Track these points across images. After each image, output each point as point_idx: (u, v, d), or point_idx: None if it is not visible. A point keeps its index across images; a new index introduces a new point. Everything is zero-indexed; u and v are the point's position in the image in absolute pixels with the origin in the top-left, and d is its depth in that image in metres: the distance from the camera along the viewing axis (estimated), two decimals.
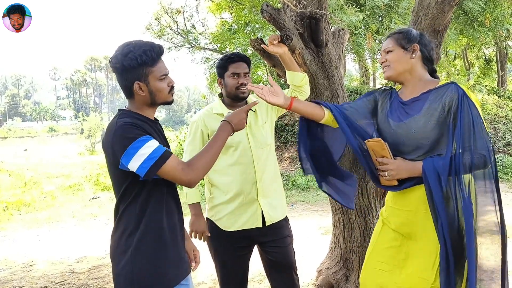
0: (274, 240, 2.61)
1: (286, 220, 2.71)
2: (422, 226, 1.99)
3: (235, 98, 2.60)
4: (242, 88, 2.55)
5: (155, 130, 1.83)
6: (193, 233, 2.57)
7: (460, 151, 1.87)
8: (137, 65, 1.73)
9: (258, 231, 2.56)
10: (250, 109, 2.57)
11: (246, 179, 2.52)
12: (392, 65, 2.06)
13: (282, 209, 2.66)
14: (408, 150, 2.03)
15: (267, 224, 2.55)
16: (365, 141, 2.08)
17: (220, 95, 2.71)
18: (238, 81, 2.56)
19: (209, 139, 2.50)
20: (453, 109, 1.91)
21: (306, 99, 3.04)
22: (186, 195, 2.59)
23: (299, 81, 2.62)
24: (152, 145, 1.66)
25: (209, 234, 2.59)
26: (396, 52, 2.05)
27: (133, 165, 1.65)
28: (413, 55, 2.03)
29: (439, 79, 2.09)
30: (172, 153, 1.71)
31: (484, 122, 1.90)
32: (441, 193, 1.88)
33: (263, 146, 2.58)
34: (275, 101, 2.20)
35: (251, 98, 2.68)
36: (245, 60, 2.61)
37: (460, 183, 1.87)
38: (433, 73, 2.11)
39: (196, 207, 2.60)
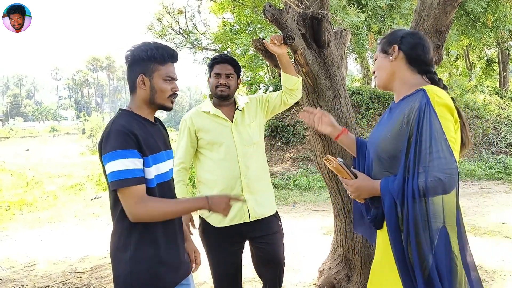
0: (263, 236, 2.68)
1: (276, 216, 2.78)
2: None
3: (216, 97, 2.70)
4: (220, 88, 2.66)
5: (151, 132, 1.82)
6: None
7: (421, 171, 1.58)
8: (146, 57, 1.78)
9: (247, 226, 2.63)
10: (237, 108, 2.68)
11: (231, 175, 2.59)
12: (377, 73, 1.89)
13: (269, 206, 2.72)
14: (376, 162, 1.83)
15: (251, 219, 2.62)
16: (324, 160, 1.88)
17: (211, 96, 2.81)
18: (218, 81, 2.66)
19: (196, 136, 2.64)
20: (412, 122, 1.64)
21: (298, 102, 3.04)
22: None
23: (292, 85, 2.69)
24: (127, 164, 1.66)
25: (195, 228, 2.65)
26: (378, 58, 1.89)
27: (106, 169, 1.69)
28: (391, 57, 1.82)
29: (435, 82, 1.81)
30: (142, 182, 1.70)
31: (452, 139, 1.60)
32: (395, 219, 1.65)
33: (248, 144, 2.65)
34: (323, 130, 2.16)
35: (239, 99, 2.77)
36: (230, 62, 2.70)
37: (425, 210, 1.59)
38: (427, 73, 1.83)
39: None
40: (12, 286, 4.31)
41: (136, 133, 1.70)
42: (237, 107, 2.72)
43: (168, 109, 1.87)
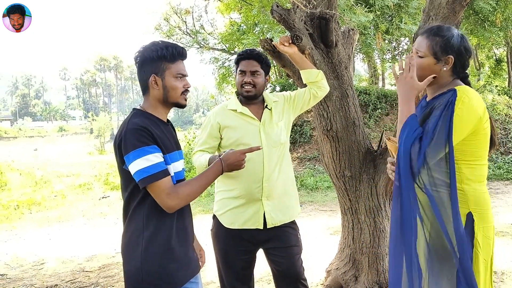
0: (278, 248, 2.52)
1: (294, 228, 2.60)
2: None
3: (242, 96, 2.54)
4: (246, 87, 2.48)
5: (165, 132, 1.84)
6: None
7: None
8: (156, 57, 1.78)
9: (261, 233, 2.48)
10: (266, 107, 2.51)
11: (253, 179, 2.42)
12: (419, 72, 1.85)
13: (289, 213, 2.55)
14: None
15: (268, 226, 2.46)
16: (385, 138, 1.99)
17: (237, 92, 2.64)
18: (243, 79, 2.49)
19: (220, 133, 2.49)
20: (433, 111, 1.77)
21: (330, 95, 2.96)
22: (200, 162, 2.39)
23: (314, 78, 2.58)
24: (152, 159, 1.69)
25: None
26: (426, 60, 1.85)
27: (132, 169, 1.70)
28: (445, 68, 1.83)
29: (469, 85, 1.87)
30: (168, 174, 1.74)
31: (456, 141, 1.70)
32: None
33: (276, 144, 2.48)
34: None
35: (269, 97, 2.59)
36: (256, 58, 2.51)
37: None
38: (464, 79, 1.89)
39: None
40: (21, 285, 4.35)
41: (152, 131, 1.73)
42: (266, 105, 2.55)
43: (182, 106, 1.89)
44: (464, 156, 1.75)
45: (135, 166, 1.68)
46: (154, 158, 1.69)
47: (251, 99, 2.53)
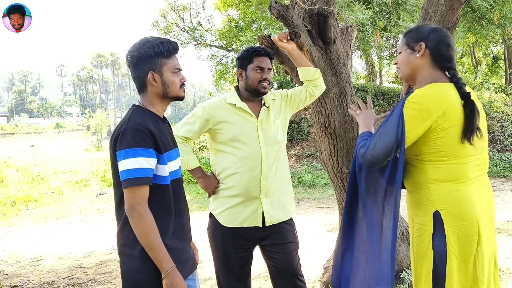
0: (275, 244, 2.52)
1: (291, 224, 2.61)
2: None
3: (254, 93, 2.50)
4: (264, 83, 2.48)
5: (163, 130, 1.84)
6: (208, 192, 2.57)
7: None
8: (154, 54, 1.77)
9: (259, 231, 2.48)
10: (264, 105, 2.53)
11: (251, 176, 2.42)
12: (400, 66, 1.96)
13: (286, 211, 2.56)
14: None
15: (267, 224, 2.47)
16: None
17: (236, 88, 2.61)
18: (261, 75, 2.47)
19: (214, 128, 2.47)
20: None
21: (329, 92, 3.01)
22: (186, 162, 2.52)
23: (311, 76, 2.60)
24: (142, 163, 1.66)
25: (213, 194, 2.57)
26: (403, 53, 1.93)
27: (120, 166, 1.68)
28: (417, 55, 1.87)
29: (457, 78, 1.84)
30: (150, 183, 1.70)
31: (410, 137, 1.75)
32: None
33: (273, 142, 2.49)
34: None
35: (268, 96, 2.59)
36: (270, 56, 2.55)
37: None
38: (448, 70, 1.88)
39: (199, 170, 2.56)
40: (18, 281, 4.35)
41: (152, 131, 1.71)
42: (264, 103, 2.56)
43: (181, 98, 1.88)
44: (428, 156, 1.79)
45: (123, 165, 1.66)
46: (145, 162, 1.67)
47: (261, 95, 2.53)
